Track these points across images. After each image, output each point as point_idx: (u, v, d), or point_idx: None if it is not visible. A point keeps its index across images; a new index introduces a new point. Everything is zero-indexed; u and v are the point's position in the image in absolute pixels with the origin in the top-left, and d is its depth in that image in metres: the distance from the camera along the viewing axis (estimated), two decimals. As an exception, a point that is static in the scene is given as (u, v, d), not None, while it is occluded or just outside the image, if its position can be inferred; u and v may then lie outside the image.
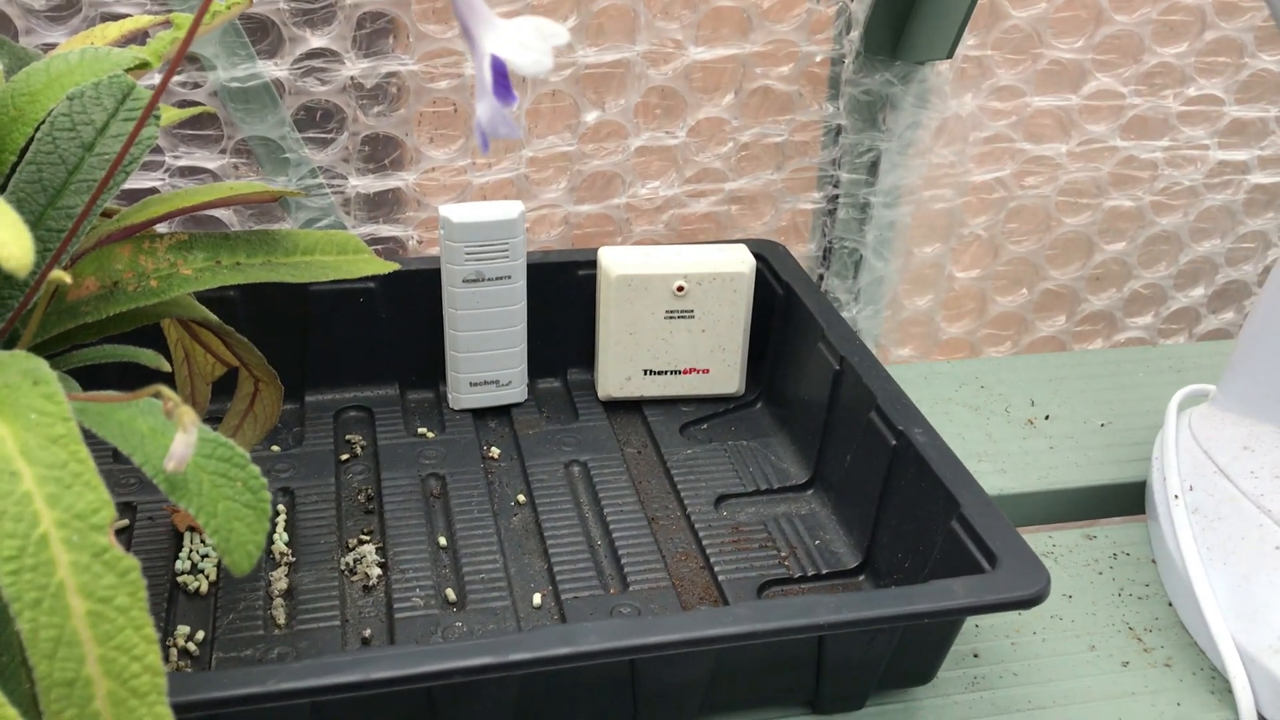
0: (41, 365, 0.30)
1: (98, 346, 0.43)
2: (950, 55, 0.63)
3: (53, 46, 0.56)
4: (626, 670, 0.43)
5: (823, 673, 0.45)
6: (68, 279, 0.30)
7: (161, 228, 0.49)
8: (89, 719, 0.27)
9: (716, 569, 0.54)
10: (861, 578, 0.54)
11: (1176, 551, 0.54)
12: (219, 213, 0.65)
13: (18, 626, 0.26)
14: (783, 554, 0.55)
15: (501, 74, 0.26)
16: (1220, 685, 0.50)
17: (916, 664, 0.47)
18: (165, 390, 0.28)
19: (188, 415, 0.27)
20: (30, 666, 0.26)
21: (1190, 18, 0.71)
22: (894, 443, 0.53)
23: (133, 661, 0.27)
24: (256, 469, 0.31)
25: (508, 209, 0.59)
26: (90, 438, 0.30)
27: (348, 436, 0.62)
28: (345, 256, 0.51)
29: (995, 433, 0.66)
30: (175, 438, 0.27)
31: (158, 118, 0.39)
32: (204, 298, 0.50)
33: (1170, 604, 0.55)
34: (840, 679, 0.46)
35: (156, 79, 0.59)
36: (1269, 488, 0.54)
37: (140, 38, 0.48)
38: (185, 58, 0.59)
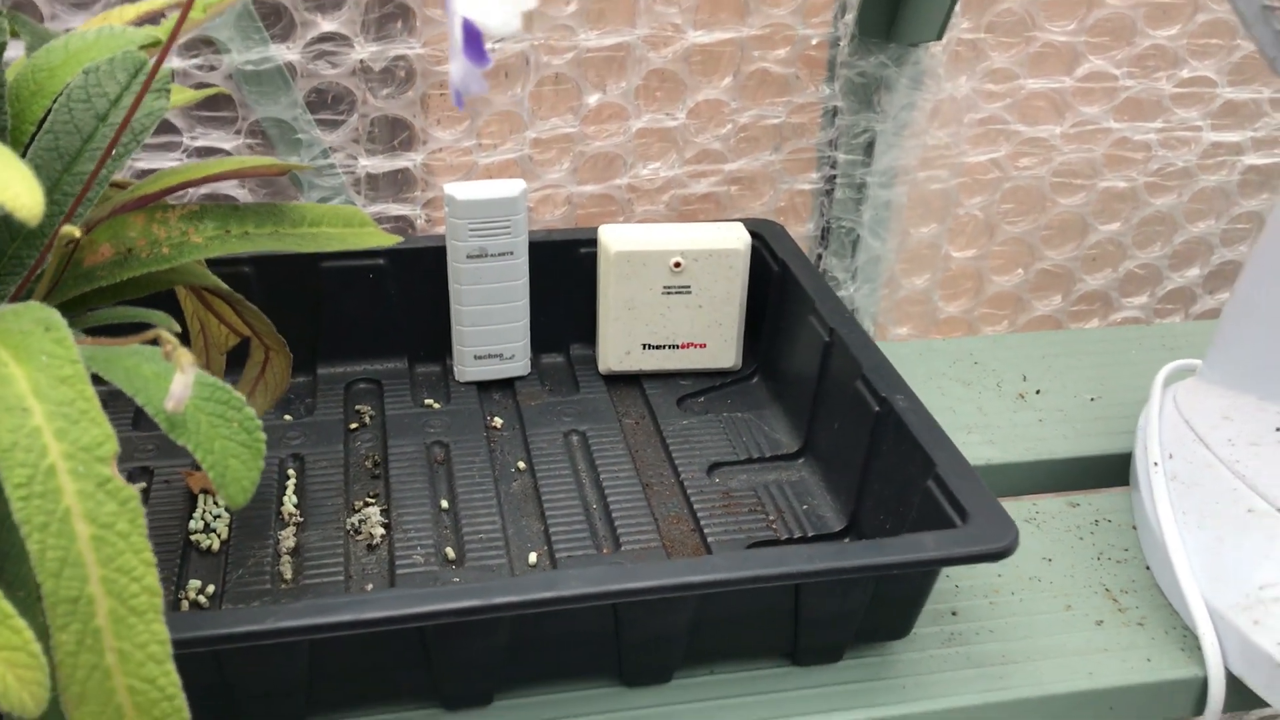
0: (53, 314, 0.32)
1: (112, 309, 0.45)
2: (940, 37, 0.65)
3: (75, 31, 0.58)
4: (610, 618, 0.45)
5: (800, 625, 0.47)
6: (77, 232, 0.33)
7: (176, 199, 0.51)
8: (91, 634, 0.29)
9: (706, 531, 0.56)
10: (846, 540, 0.56)
11: (1154, 516, 0.56)
12: (235, 191, 0.68)
13: (28, 547, 0.29)
14: (771, 518, 0.57)
15: (473, 35, 0.28)
16: (1190, 643, 0.52)
17: (892, 618, 0.49)
18: (164, 334, 0.31)
19: (185, 357, 0.29)
20: (38, 584, 0.29)
21: (1182, 0, 0.72)
22: (877, 409, 0.54)
23: (132, 582, 0.29)
24: (252, 411, 0.34)
25: (510, 187, 0.61)
26: (111, 404, 0.33)
27: (357, 407, 0.65)
28: (351, 229, 0.53)
29: (986, 406, 0.68)
30: (174, 378, 0.29)
31: (167, 90, 0.42)
32: (218, 273, 0.53)
33: (1148, 567, 0.56)
34: (817, 631, 0.48)
35: (172, 59, 0.62)
36: (1244, 454, 0.55)
37: (156, 19, 0.51)
38: (201, 41, 0.62)
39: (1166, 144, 0.77)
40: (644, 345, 0.66)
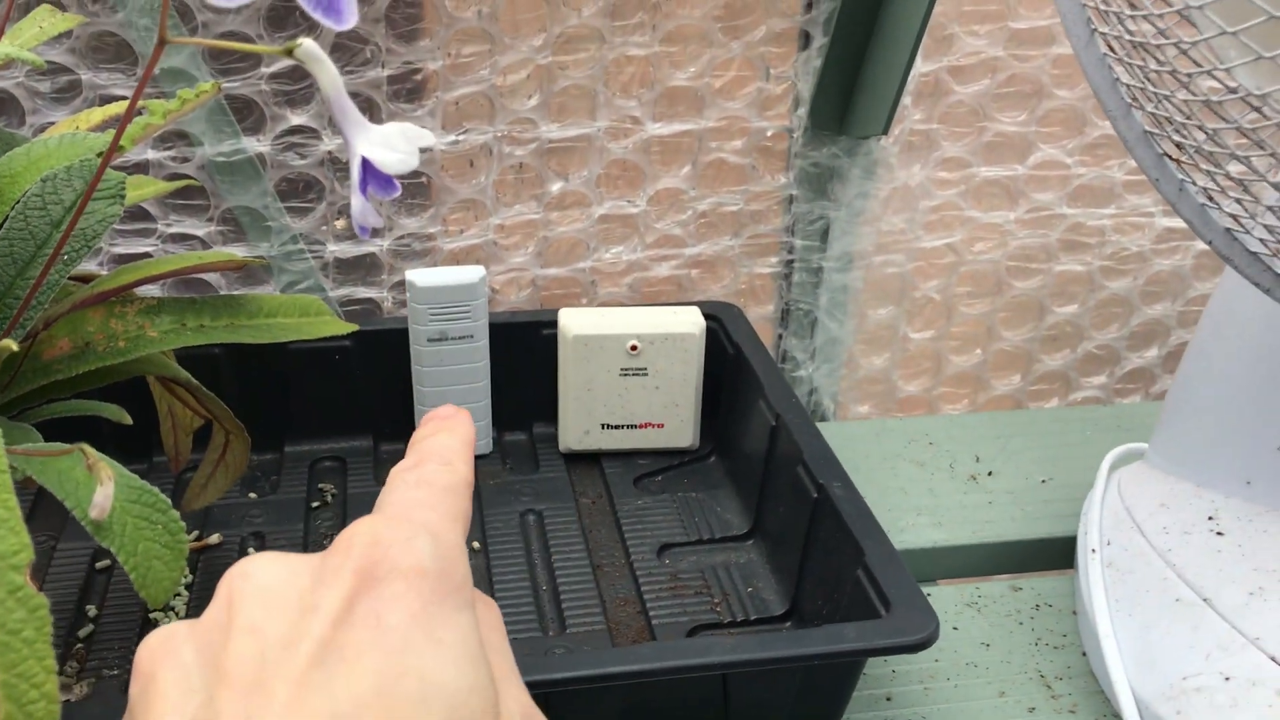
0: (-10, 420, 0.34)
1: (68, 401, 0.47)
2: (886, 131, 0.68)
3: (54, 124, 0.61)
4: (542, 704, 0.47)
5: (731, 713, 0.49)
6: (14, 346, 0.35)
7: (146, 290, 0.54)
8: (-15, 736, 0.31)
9: (651, 614, 0.57)
10: (788, 624, 0.57)
11: (1089, 602, 0.57)
12: (210, 277, 0.70)
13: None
14: (716, 600, 0.58)
15: (374, 172, 0.30)
16: (1119, 730, 0.53)
17: (822, 706, 0.50)
18: (86, 448, 0.33)
19: (104, 470, 0.31)
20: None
21: (1130, 93, 0.75)
22: (815, 495, 0.56)
23: (32, 689, 0.30)
24: (177, 514, 0.35)
25: (469, 273, 0.63)
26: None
27: (321, 485, 0.66)
28: (307, 319, 0.55)
29: (937, 488, 0.69)
30: (96, 490, 0.31)
31: (121, 196, 0.44)
32: (191, 355, 0.55)
33: (1084, 654, 0.57)
34: (747, 718, 0.49)
35: (146, 150, 0.64)
36: (1177, 543, 0.56)
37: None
38: (175, 134, 0.64)
39: (1119, 229, 0.79)
40: (603, 425, 0.68)
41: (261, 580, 0.27)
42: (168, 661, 0.26)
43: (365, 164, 0.29)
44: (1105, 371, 0.86)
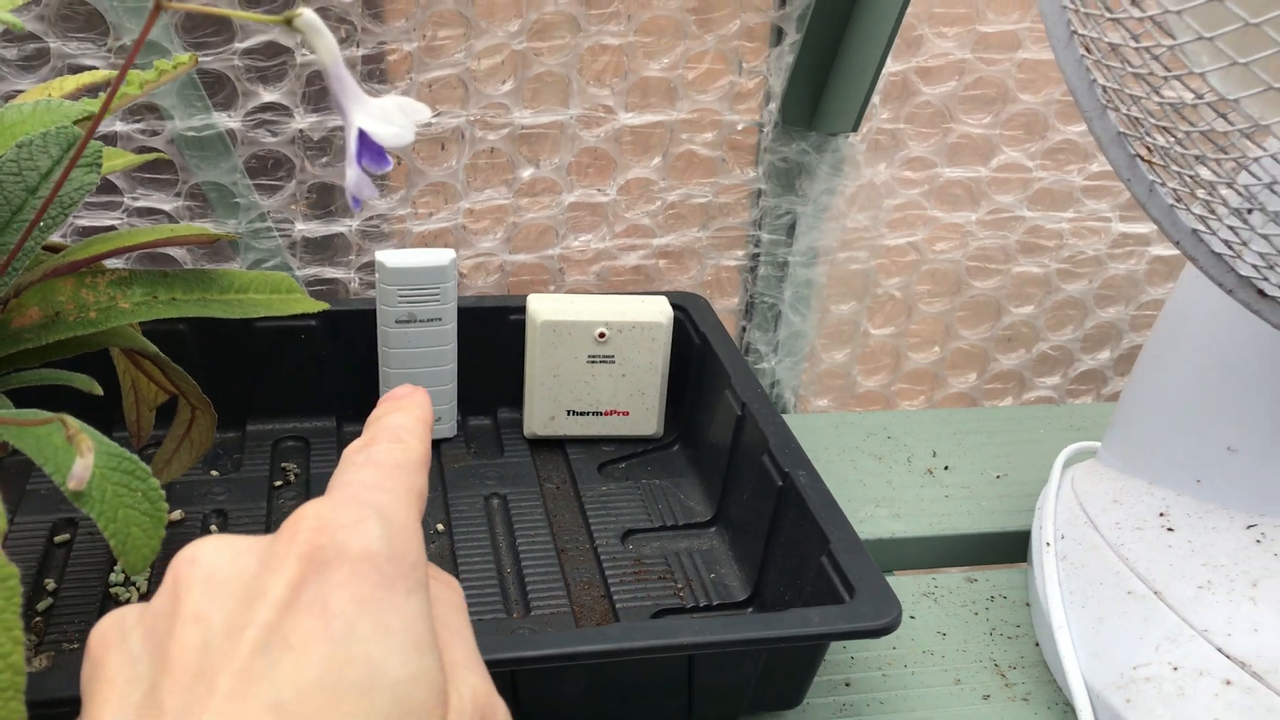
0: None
1: (37, 370, 0.47)
2: (856, 129, 0.69)
3: (20, 93, 0.60)
4: (508, 682, 0.47)
5: (694, 694, 0.49)
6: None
7: (112, 262, 0.53)
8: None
9: (615, 597, 0.58)
10: (750, 609, 0.58)
11: (1044, 594, 0.58)
12: (174, 252, 0.70)
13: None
14: (679, 585, 0.59)
15: (371, 144, 0.30)
16: (1070, 719, 0.54)
17: (784, 688, 0.51)
18: (66, 418, 0.32)
19: (84, 441, 0.31)
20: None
21: (1091, 100, 0.76)
22: (780, 484, 0.57)
23: (-2, 659, 0.30)
24: (156, 482, 0.35)
25: (439, 256, 0.63)
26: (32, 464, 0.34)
27: (284, 464, 0.66)
28: (278, 295, 0.55)
29: (895, 480, 0.71)
30: (75, 461, 0.31)
31: (98, 164, 0.44)
32: (156, 330, 0.55)
33: (1037, 644, 0.59)
34: (710, 701, 0.50)
35: (115, 123, 0.64)
36: (1129, 538, 0.58)
37: (97, 91, 0.53)
38: (145, 107, 0.64)
39: (1077, 233, 0.80)
40: (569, 411, 0.69)
41: (208, 566, 0.26)
42: (116, 648, 0.26)
43: (361, 136, 0.30)
44: (1059, 372, 0.88)
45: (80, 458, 0.30)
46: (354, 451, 0.31)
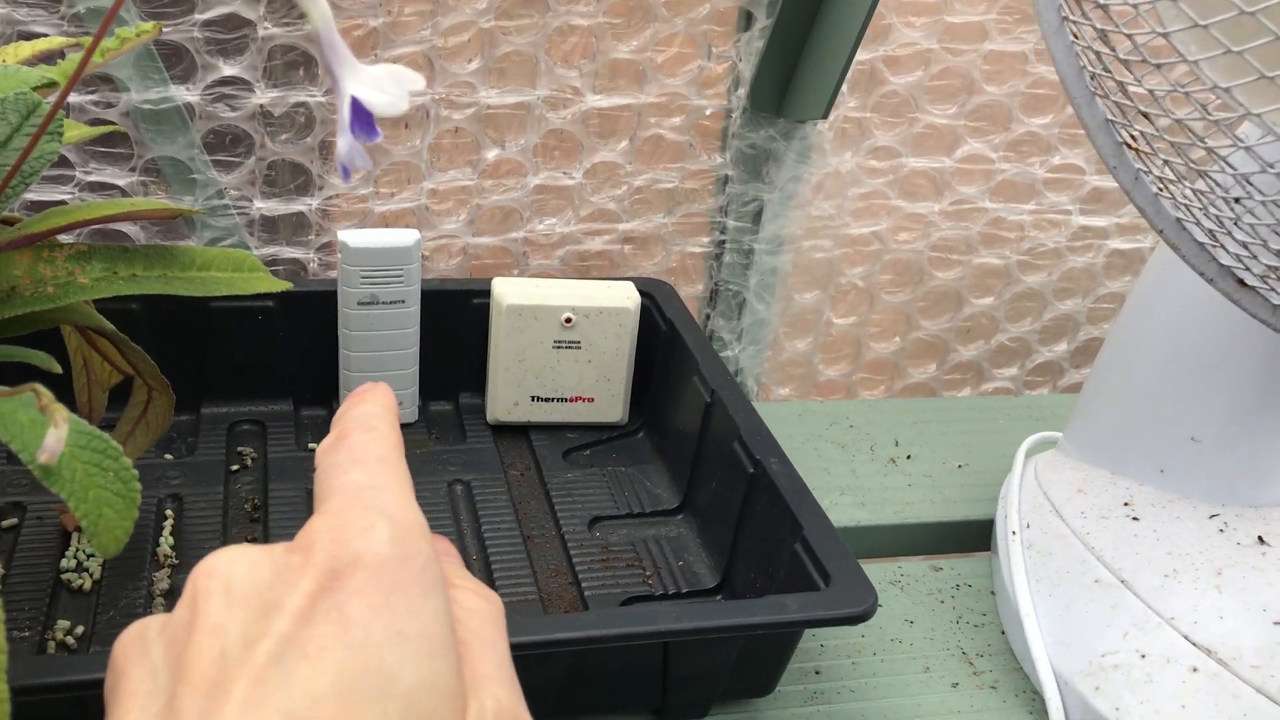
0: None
1: (-8, 346, 0.45)
2: (826, 116, 0.68)
3: (-32, 60, 0.58)
4: (482, 671, 0.46)
5: (669, 681, 0.49)
6: (-40, 278, 0.33)
7: (65, 238, 0.51)
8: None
9: (584, 585, 0.57)
10: (719, 597, 0.58)
11: (1010, 583, 0.58)
12: (126, 229, 0.68)
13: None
14: (648, 573, 0.59)
15: (361, 113, 0.29)
16: (1039, 706, 0.54)
17: (757, 676, 0.51)
18: (39, 388, 0.31)
19: (59, 412, 0.30)
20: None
21: (1054, 92, 0.77)
22: (752, 471, 0.56)
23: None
24: (129, 461, 0.34)
25: (404, 236, 0.62)
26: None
27: (239, 448, 0.64)
28: (240, 274, 0.54)
29: (859, 469, 0.71)
30: (47, 432, 0.30)
31: (59, 133, 0.42)
32: (106, 309, 0.53)
33: (1003, 632, 0.59)
34: (685, 688, 0.49)
35: (70, 96, 0.61)
36: (1095, 527, 0.58)
37: (53, 58, 0.51)
38: (99, 78, 0.62)
39: (1038, 225, 0.81)
40: (533, 397, 0.68)
41: (224, 577, 0.26)
42: (138, 661, 0.26)
43: (354, 104, 0.29)
44: (1016, 364, 0.88)
45: (54, 428, 0.29)
46: (330, 451, 0.30)
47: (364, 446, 0.30)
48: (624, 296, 0.66)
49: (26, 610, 0.52)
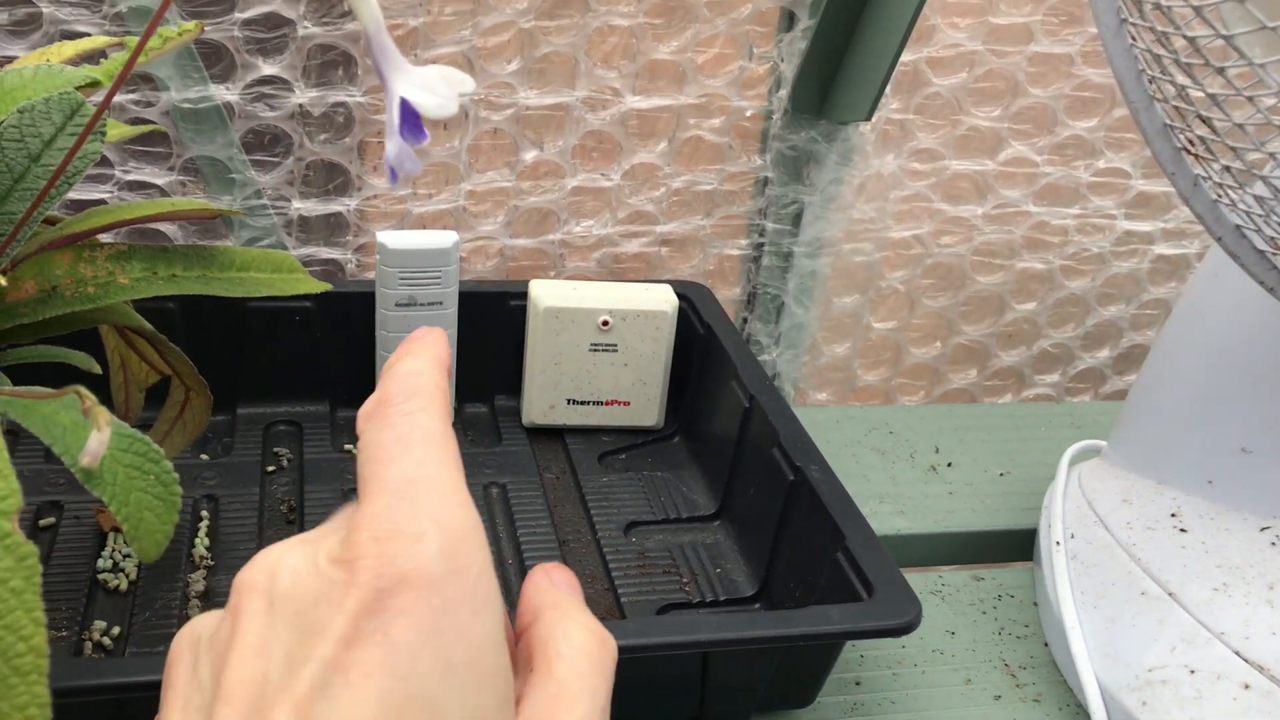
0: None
1: (33, 346, 0.45)
2: (869, 118, 0.67)
3: (12, 59, 0.58)
4: (519, 678, 0.46)
5: (707, 692, 0.48)
6: (2, 281, 0.33)
7: (105, 238, 0.51)
8: (-31, 689, 0.29)
9: (620, 591, 0.56)
10: (757, 605, 0.57)
11: (1054, 594, 0.57)
12: (164, 228, 0.68)
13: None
14: (685, 580, 0.58)
15: (410, 115, 0.29)
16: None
17: (797, 687, 0.50)
18: (82, 390, 0.31)
19: (102, 415, 0.29)
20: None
21: (1100, 95, 0.76)
22: (792, 478, 0.56)
23: (19, 641, 0.29)
24: (170, 464, 0.34)
25: (443, 238, 0.62)
26: (25, 437, 0.32)
27: (275, 449, 0.64)
28: (280, 275, 0.53)
29: (899, 476, 0.70)
30: (90, 435, 0.29)
31: (103, 133, 0.42)
32: (144, 309, 0.53)
33: (1046, 644, 0.58)
34: (723, 698, 0.48)
35: (110, 96, 0.61)
36: (1141, 538, 0.57)
37: (95, 58, 0.51)
38: (139, 77, 0.62)
39: (1082, 230, 0.80)
40: (569, 400, 0.67)
41: (265, 590, 0.26)
42: (187, 673, 0.26)
43: (404, 106, 0.28)
44: (1058, 370, 0.87)
45: (97, 431, 0.29)
46: (374, 422, 0.28)
47: (408, 425, 0.27)
48: (661, 299, 0.65)
49: (64, 610, 0.52)
